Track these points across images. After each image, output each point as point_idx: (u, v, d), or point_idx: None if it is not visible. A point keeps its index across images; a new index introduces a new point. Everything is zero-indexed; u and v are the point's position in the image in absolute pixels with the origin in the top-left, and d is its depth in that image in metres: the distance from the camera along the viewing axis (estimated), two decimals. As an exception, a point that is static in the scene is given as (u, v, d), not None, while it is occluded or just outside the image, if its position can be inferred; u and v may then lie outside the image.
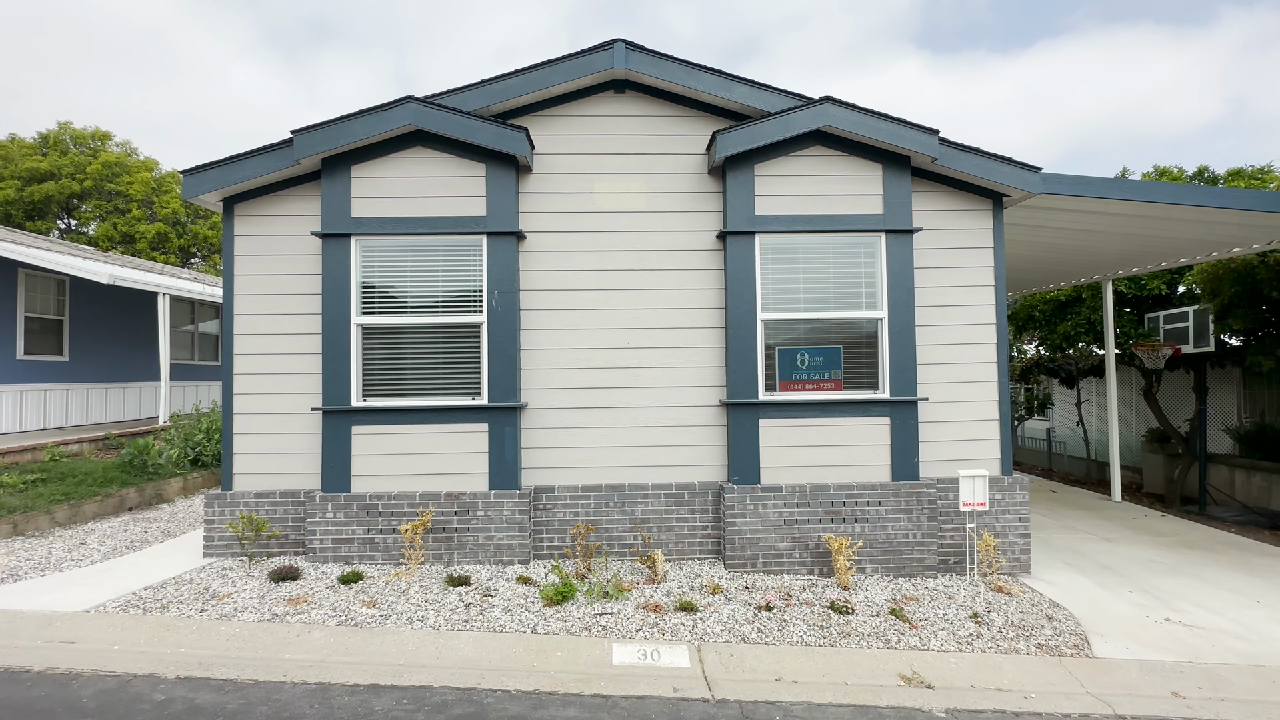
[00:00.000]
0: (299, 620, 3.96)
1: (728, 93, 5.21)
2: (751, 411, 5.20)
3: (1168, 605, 4.77)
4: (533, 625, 4.02)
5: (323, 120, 4.98)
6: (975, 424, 5.40)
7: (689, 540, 5.30)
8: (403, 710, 3.04)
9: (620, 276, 5.39)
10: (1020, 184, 5.19)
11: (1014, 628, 4.27)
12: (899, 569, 5.13)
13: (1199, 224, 6.02)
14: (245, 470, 5.27)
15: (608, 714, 3.10)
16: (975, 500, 4.93)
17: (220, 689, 3.17)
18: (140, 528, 6.14)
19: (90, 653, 3.48)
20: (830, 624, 4.21)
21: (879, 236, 5.29)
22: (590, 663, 3.65)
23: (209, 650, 3.57)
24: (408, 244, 5.23)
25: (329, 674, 3.38)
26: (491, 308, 5.18)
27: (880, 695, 3.46)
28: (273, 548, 5.17)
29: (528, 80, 5.16)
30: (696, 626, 4.10)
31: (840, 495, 5.15)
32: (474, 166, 5.21)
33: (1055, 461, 12.48)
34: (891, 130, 5.07)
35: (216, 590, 4.42)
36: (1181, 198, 5.21)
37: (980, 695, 3.52)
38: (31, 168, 20.08)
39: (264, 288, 5.32)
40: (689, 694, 3.35)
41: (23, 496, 6.05)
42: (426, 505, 5.08)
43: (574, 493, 5.29)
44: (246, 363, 5.30)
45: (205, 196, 5.19)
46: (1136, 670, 3.82)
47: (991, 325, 5.45)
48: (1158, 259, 7.49)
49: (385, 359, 5.23)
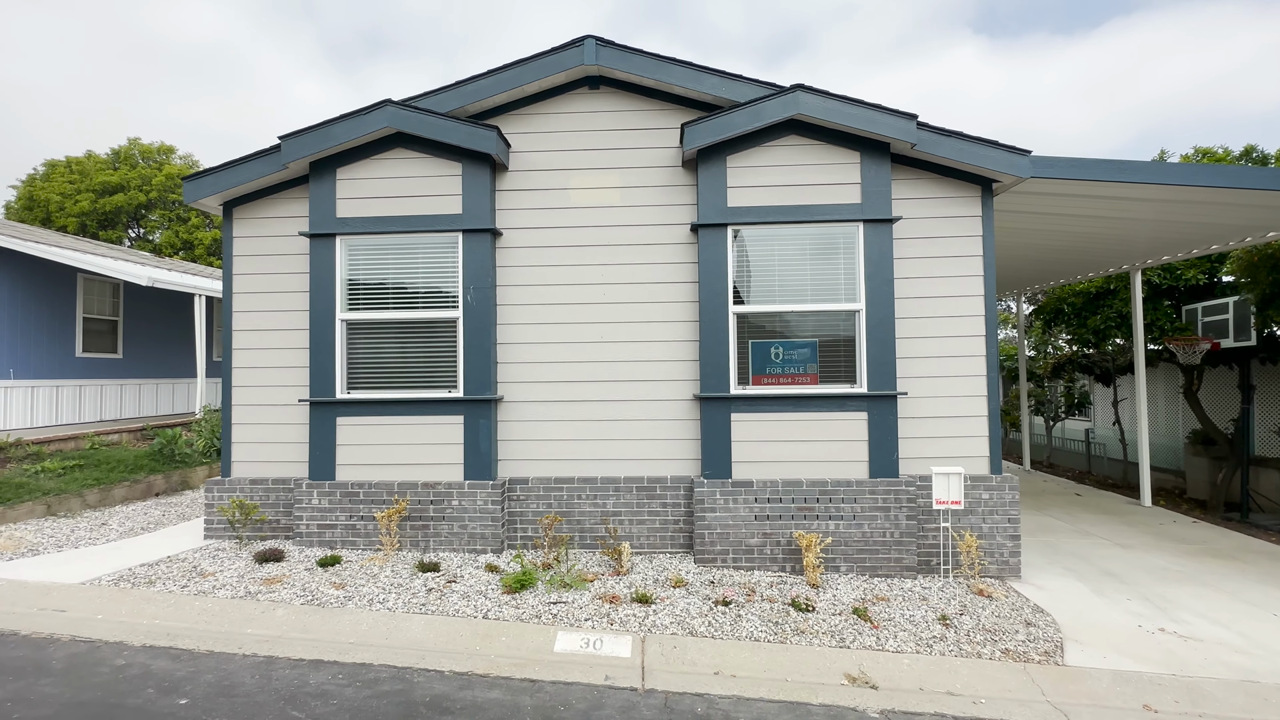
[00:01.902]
0: (268, 598, 4.19)
1: (699, 85, 5.18)
2: (723, 405, 5.15)
3: (1167, 615, 4.46)
4: (486, 611, 4.11)
5: (308, 125, 5.23)
6: (962, 420, 5.17)
7: (660, 534, 5.30)
8: (334, 684, 3.18)
9: (594, 271, 5.43)
10: (1008, 168, 4.94)
11: (984, 632, 4.08)
12: (875, 568, 4.98)
13: (1226, 207, 5.57)
14: (242, 459, 5.59)
15: (529, 697, 3.15)
16: (950, 499, 4.72)
17: (177, 658, 3.39)
18: (160, 511, 6.60)
19: (74, 620, 3.79)
20: (787, 621, 4.13)
21: (857, 226, 5.14)
22: (532, 649, 3.71)
23: (180, 623, 3.83)
24: (389, 242, 5.43)
25: (280, 649, 3.57)
26: (467, 303, 5.32)
27: (818, 693, 3.39)
28: (265, 531, 5.47)
29: (501, 80, 5.27)
30: (648, 618, 4.10)
31: (814, 491, 5.04)
32: (450, 166, 5.36)
33: (1095, 464, 11.77)
34: (866, 116, 4.93)
35: (204, 569, 4.72)
36: (1187, 178, 4.84)
37: (925, 698, 3.39)
38: (104, 181, 21.78)
39: (260, 286, 5.63)
40: (619, 683, 3.37)
41: (59, 480, 6.60)
42: (404, 494, 5.27)
43: (547, 484, 5.37)
44: (244, 357, 5.62)
45: (205, 201, 5.54)
46: (1108, 680, 3.60)
47: (980, 317, 5.21)
48: (1186, 246, 6.97)
49: (368, 353, 5.44)
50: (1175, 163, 4.85)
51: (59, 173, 22.40)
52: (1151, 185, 4.96)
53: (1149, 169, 4.85)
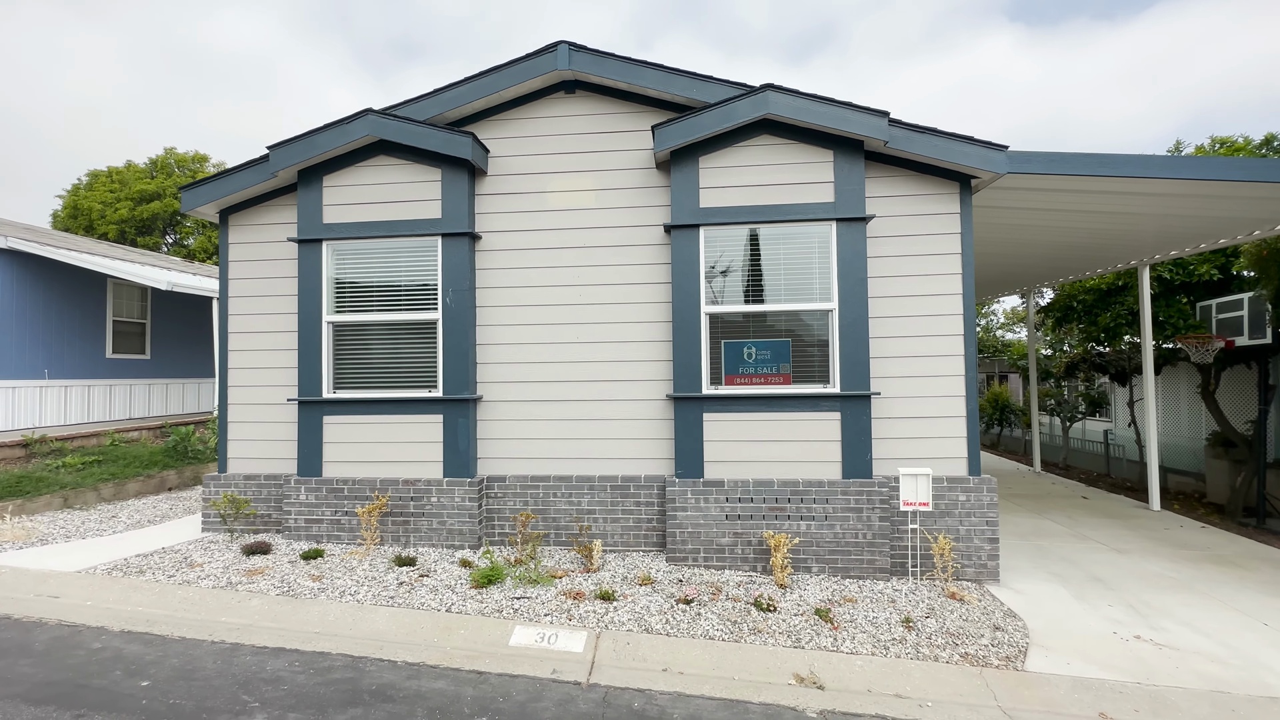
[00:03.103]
0: (246, 589, 4.38)
1: (669, 86, 5.21)
2: (695, 405, 5.18)
3: (1148, 622, 4.33)
4: (450, 605, 4.23)
5: (294, 135, 5.43)
6: (939, 420, 5.09)
7: (634, 532, 5.35)
8: (288, 671, 3.32)
9: (570, 273, 5.52)
10: (984, 164, 4.85)
11: (947, 635, 4.03)
12: (848, 570, 4.94)
13: (1229, 200, 5.36)
14: (237, 455, 5.84)
15: (472, 688, 3.24)
16: (918, 500, 4.66)
17: (149, 643, 3.59)
18: (168, 505, 6.93)
19: (65, 606, 4.04)
20: (746, 620, 4.14)
21: (830, 225, 5.11)
22: (488, 642, 3.81)
23: (160, 610, 4.04)
24: (373, 247, 5.60)
25: (248, 636, 3.74)
26: (446, 305, 5.45)
27: (761, 692, 3.40)
28: (257, 525, 5.70)
29: (478, 86, 5.39)
30: (607, 615, 4.16)
31: (785, 491, 5.02)
32: (430, 172, 5.51)
33: (1114, 466, 11.35)
34: (836, 114, 4.89)
35: (194, 560, 4.95)
36: (1172, 171, 4.68)
37: (870, 700, 3.37)
38: (141, 189, 22.81)
39: (253, 290, 5.88)
40: (564, 676, 3.43)
41: (78, 475, 6.98)
42: (386, 490, 5.44)
43: (524, 482, 5.47)
44: (238, 358, 5.87)
45: (203, 209, 5.80)
46: (1066, 687, 3.52)
47: (958, 316, 5.12)
48: (1194, 240, 6.70)
49: (353, 354, 5.63)
50: (1160, 155, 4.65)
51: (100, 182, 23.54)
52: (1141, 179, 4.80)
53: (1131, 162, 4.70)
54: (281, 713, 2.92)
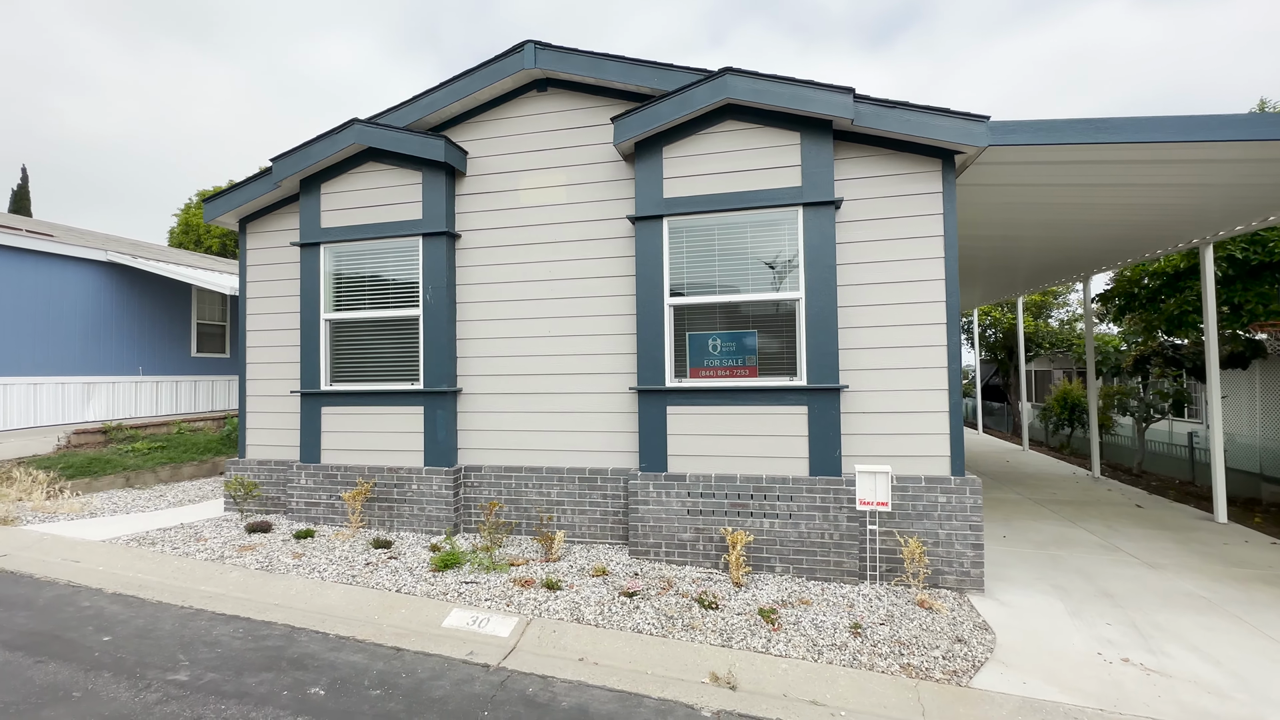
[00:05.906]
0: (233, 562, 4.80)
1: (632, 78, 5.18)
2: (659, 398, 5.12)
3: (1147, 645, 3.84)
4: (401, 586, 4.44)
5: (292, 147, 5.88)
6: (918, 416, 4.74)
7: (601, 524, 5.36)
8: (229, 637, 3.62)
9: (542, 268, 5.61)
10: (963, 138, 4.47)
11: (895, 644, 3.76)
12: (812, 571, 4.71)
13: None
14: (254, 442, 6.40)
15: (383, 664, 3.39)
16: (876, 499, 4.36)
17: (129, 604, 4.03)
18: (212, 487, 7.69)
19: (78, 569, 4.60)
20: (684, 616, 4.06)
21: (796, 210, 4.89)
22: (422, 621, 3.96)
23: (154, 577, 4.51)
24: (364, 248, 5.96)
25: (214, 604, 4.10)
26: (426, 301, 5.71)
27: (666, 688, 3.33)
28: (268, 506, 6.22)
29: (452, 91, 5.60)
30: (545, 603, 4.21)
31: (748, 487, 4.86)
32: (412, 175, 5.78)
33: (1199, 472, 10.05)
34: (796, 94, 4.68)
35: (203, 535, 5.48)
36: (1179, 133, 4.09)
37: (780, 704, 3.22)
38: (240, 206, 25.37)
39: (266, 291, 6.41)
40: (476, 659, 3.52)
41: (141, 458, 7.90)
42: (373, 477, 5.76)
43: (499, 472, 5.63)
44: (255, 354, 6.42)
45: (223, 218, 6.39)
46: (1011, 708, 3.20)
47: (940, 303, 4.74)
48: (1261, 213, 5.82)
49: (348, 349, 6.01)
50: (1169, 115, 4.04)
51: (208, 201, 26.36)
52: (1141, 144, 4.25)
53: (1131, 126, 4.17)
54: (202, 671, 3.20)
